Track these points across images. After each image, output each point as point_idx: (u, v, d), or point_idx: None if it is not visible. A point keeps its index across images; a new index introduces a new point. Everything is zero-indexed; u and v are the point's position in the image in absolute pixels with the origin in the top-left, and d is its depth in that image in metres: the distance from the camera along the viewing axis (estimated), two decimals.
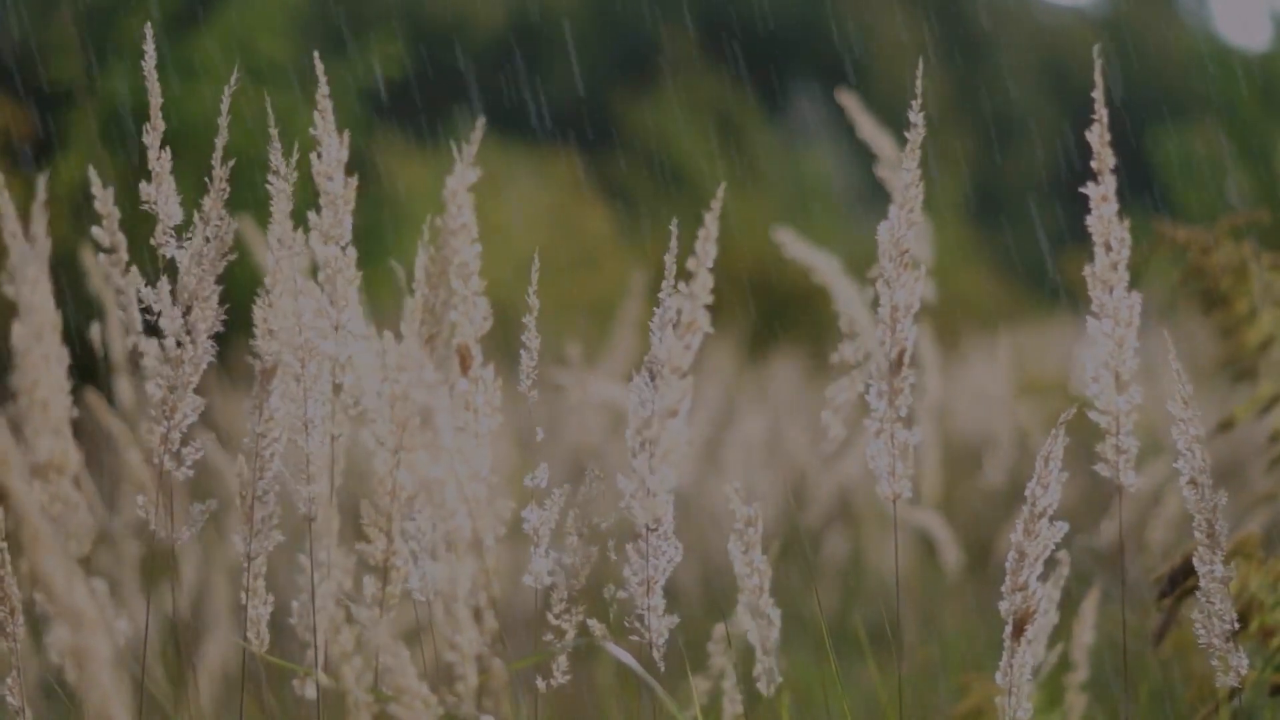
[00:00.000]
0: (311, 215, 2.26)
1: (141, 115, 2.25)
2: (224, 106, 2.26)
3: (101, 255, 2.40)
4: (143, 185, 2.25)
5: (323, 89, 2.26)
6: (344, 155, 2.26)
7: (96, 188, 2.38)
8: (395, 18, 18.64)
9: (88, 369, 3.02)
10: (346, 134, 2.26)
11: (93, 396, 3.14)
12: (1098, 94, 2.25)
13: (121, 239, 2.39)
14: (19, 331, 2.66)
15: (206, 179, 2.26)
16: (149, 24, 2.32)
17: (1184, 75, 20.34)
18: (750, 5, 24.70)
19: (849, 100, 4.18)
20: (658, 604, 2.22)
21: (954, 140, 23.15)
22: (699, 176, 17.52)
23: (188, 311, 2.24)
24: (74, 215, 9.03)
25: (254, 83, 9.51)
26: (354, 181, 2.27)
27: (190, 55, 9.54)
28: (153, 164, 2.26)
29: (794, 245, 3.76)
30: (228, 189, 2.25)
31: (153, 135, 2.25)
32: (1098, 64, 2.25)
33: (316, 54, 2.30)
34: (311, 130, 2.28)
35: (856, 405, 2.91)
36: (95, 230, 2.40)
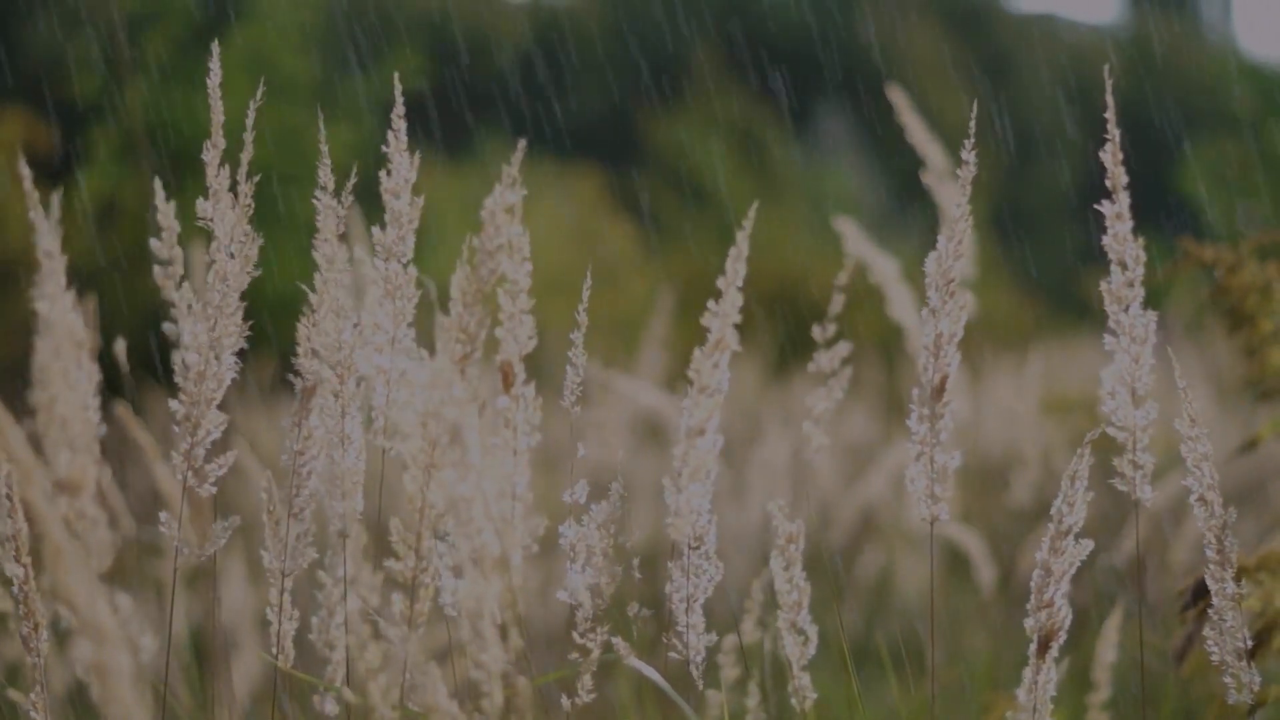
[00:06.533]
0: (376, 231, 2.25)
1: (161, 131, 2.25)
2: (249, 122, 2.25)
3: (157, 268, 2.40)
4: (200, 203, 2.24)
5: (399, 108, 2.25)
6: (413, 175, 2.25)
7: (160, 200, 2.38)
8: (418, 32, 18.67)
9: (118, 382, 3.02)
10: (417, 155, 2.25)
11: (122, 410, 3.14)
12: (1110, 114, 2.25)
13: (179, 252, 2.38)
14: (40, 348, 2.65)
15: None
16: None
17: (1209, 91, 20.30)
18: (775, 22, 24.71)
19: (899, 98, 4.11)
20: (698, 621, 2.23)
21: (978, 157, 23.06)
22: (722, 193, 17.50)
23: (212, 327, 2.24)
24: (97, 229, 9.05)
25: (270, 98, 9.50)
26: (420, 201, 2.26)
27: (208, 71, 9.50)
28: (211, 180, 2.24)
29: (854, 239, 3.71)
30: (252, 205, 2.24)
31: (212, 153, 2.24)
32: (1109, 83, 2.26)
33: (396, 76, 2.29)
34: (322, 145, 2.27)
35: (836, 413, 2.91)
36: (153, 242, 2.40)
